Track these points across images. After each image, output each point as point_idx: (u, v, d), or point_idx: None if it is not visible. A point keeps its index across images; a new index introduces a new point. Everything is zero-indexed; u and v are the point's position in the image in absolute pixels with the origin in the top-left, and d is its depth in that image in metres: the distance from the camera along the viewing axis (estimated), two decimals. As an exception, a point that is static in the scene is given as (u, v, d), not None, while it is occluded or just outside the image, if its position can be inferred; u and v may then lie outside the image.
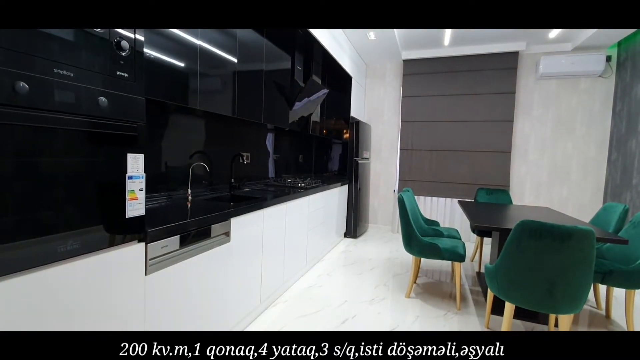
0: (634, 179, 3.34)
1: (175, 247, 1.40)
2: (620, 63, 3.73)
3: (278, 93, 2.96)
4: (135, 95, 1.18)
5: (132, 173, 1.16)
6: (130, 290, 1.21)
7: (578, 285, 1.60)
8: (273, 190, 2.80)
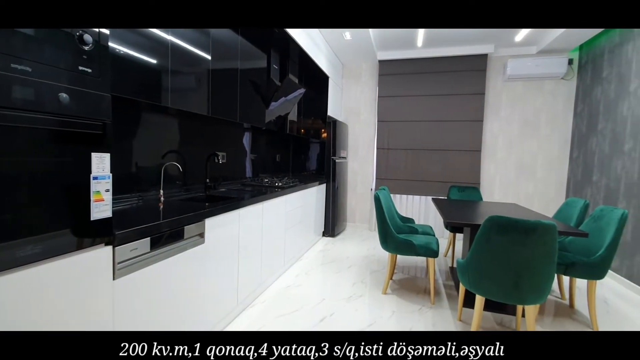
0: (594, 176, 3.57)
1: (146, 250, 1.35)
2: (582, 66, 3.97)
3: (254, 92, 2.92)
4: (100, 92, 1.13)
5: (97, 173, 1.11)
6: (97, 297, 1.16)
7: (542, 276, 1.69)
8: (250, 190, 2.76)
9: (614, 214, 2.15)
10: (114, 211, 1.19)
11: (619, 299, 2.71)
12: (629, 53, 3.11)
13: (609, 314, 2.44)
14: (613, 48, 3.35)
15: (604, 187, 3.37)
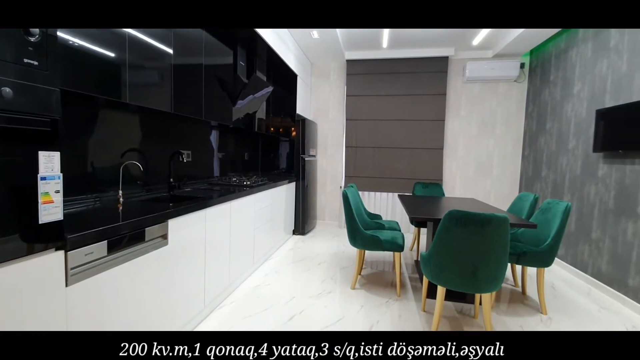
0: (543, 172, 3.87)
1: (103, 254, 1.28)
2: (532, 69, 4.27)
3: (220, 89, 2.86)
4: (49, 86, 1.06)
5: (45, 173, 1.04)
6: (48, 305, 1.08)
7: (496, 266, 1.81)
8: (217, 189, 2.70)
9: (559, 207, 2.35)
10: (67, 214, 1.12)
11: (565, 285, 2.96)
12: (573, 58, 3.39)
13: (556, 298, 2.66)
14: (559, 53, 3.65)
15: (552, 182, 3.66)
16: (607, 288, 2.72)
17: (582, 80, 3.21)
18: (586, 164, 3.09)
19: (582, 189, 3.14)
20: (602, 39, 2.95)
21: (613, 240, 2.70)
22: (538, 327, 2.18)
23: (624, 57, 2.69)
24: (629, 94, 2.61)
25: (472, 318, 2.29)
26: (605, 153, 2.82)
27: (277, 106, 4.49)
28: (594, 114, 2.90)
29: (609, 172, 2.79)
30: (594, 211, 2.95)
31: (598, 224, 2.90)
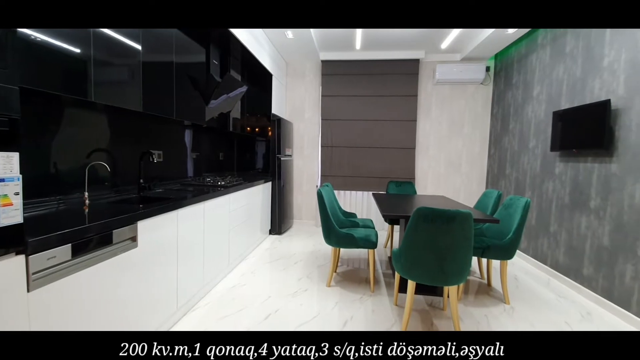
0: (507, 170, 4.09)
1: (67, 258, 1.24)
2: (497, 73, 4.50)
3: (192, 88, 2.81)
4: (7, 84, 1.02)
5: (3, 175, 1.00)
6: (9, 311, 1.04)
7: (462, 259, 1.91)
8: (191, 189, 2.66)
9: (520, 202, 2.50)
10: (28, 217, 1.09)
11: (527, 276, 3.16)
12: (533, 62, 3.61)
13: (519, 289, 2.83)
14: (521, 58, 3.87)
15: (514, 179, 3.88)
16: (565, 278, 2.92)
17: (541, 83, 3.42)
18: (545, 163, 3.30)
19: (541, 185, 3.35)
20: (559, 45, 3.17)
21: (569, 233, 2.91)
22: (502, 316, 2.32)
23: (578, 62, 2.89)
24: (583, 97, 2.82)
25: (441, 310, 2.39)
26: (561, 152, 3.03)
27: (253, 106, 4.46)
28: (552, 115, 3.11)
29: (565, 169, 3.00)
30: (552, 206, 3.16)
31: (555, 218, 3.11)
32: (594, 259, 2.61)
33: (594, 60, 2.70)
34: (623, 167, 2.37)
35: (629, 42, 2.36)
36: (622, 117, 2.39)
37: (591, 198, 2.66)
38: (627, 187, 2.32)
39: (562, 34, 3.12)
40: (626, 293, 2.29)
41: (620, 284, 2.35)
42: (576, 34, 2.93)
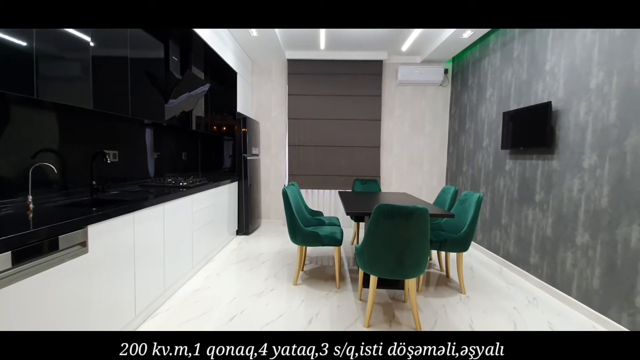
0: (464, 167, 4.32)
1: (6, 266, 1.15)
2: (454, 75, 4.73)
3: (150, 84, 2.70)
4: None
5: None
6: None
7: (419, 253, 2.00)
8: (150, 191, 2.55)
9: (473, 197, 2.66)
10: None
11: (482, 266, 3.37)
12: (485, 66, 3.84)
13: (474, 278, 3.01)
14: (475, 61, 4.10)
15: (470, 176, 4.12)
16: (514, 267, 3.15)
17: (493, 86, 3.66)
18: (497, 160, 3.54)
19: (494, 181, 3.58)
20: (508, 50, 3.40)
21: (518, 225, 3.14)
22: (458, 305, 2.46)
23: (524, 67, 3.12)
24: (528, 99, 3.05)
25: (403, 302, 2.49)
26: (511, 150, 3.27)
27: (217, 104, 4.36)
28: (502, 116, 3.33)
29: (514, 166, 3.23)
30: (503, 201, 3.39)
31: (506, 212, 3.34)
32: (539, 249, 2.84)
33: (538, 65, 2.93)
34: (562, 163, 2.60)
35: (568, 48, 2.58)
36: (561, 118, 2.62)
37: (536, 192, 2.89)
38: (566, 182, 2.55)
39: (510, 39, 3.35)
40: (567, 279, 2.52)
41: (562, 270, 2.57)
42: (522, 40, 3.16)
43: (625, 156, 2.07)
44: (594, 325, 2.20)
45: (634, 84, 2.02)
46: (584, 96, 2.41)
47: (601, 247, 2.22)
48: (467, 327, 2.14)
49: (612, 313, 2.12)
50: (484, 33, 3.67)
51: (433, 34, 3.93)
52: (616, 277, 2.10)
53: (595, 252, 2.26)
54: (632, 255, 2.00)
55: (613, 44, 2.18)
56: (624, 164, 2.07)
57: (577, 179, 2.45)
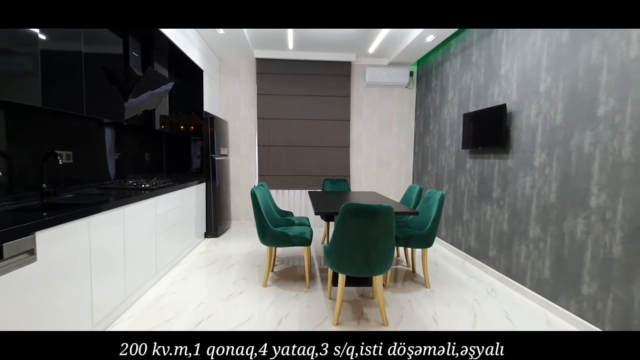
0: (429, 166, 4.49)
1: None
2: (419, 77, 4.91)
3: (108, 82, 2.56)
4: None
5: None
6: None
7: (385, 250, 2.06)
8: (110, 193, 2.42)
9: (436, 195, 2.77)
10: None
11: (446, 261, 3.52)
12: (447, 70, 4.02)
13: (439, 273, 3.14)
14: (438, 65, 4.27)
15: (435, 175, 4.29)
16: (475, 260, 3.32)
17: (454, 88, 3.83)
18: (458, 159, 3.71)
19: (456, 179, 3.76)
20: (467, 55, 3.57)
21: (478, 221, 3.32)
22: (423, 299, 2.55)
23: (482, 71, 3.30)
24: (485, 101, 3.23)
25: (371, 299, 2.55)
26: (471, 150, 3.44)
27: (183, 103, 4.21)
28: (462, 117, 3.50)
29: (473, 165, 3.40)
30: (464, 198, 3.57)
31: (467, 208, 3.51)
32: (496, 243, 3.01)
33: (494, 70, 3.11)
34: (516, 162, 2.78)
35: (520, 54, 2.76)
36: (515, 119, 2.80)
37: (493, 190, 3.07)
38: (519, 180, 2.73)
39: (469, 45, 3.53)
40: (521, 270, 2.69)
41: (517, 263, 2.75)
42: (480, 46, 3.34)
43: (571, 155, 2.25)
44: (546, 312, 2.38)
45: (578, 88, 2.20)
46: (534, 99, 2.59)
47: (551, 240, 2.40)
48: (431, 320, 2.23)
49: (561, 301, 2.30)
50: (445, 37, 3.83)
51: (398, 37, 4.04)
52: (564, 268, 2.28)
53: (546, 245, 2.44)
54: (578, 247, 2.18)
55: (560, 50, 2.36)
56: (570, 162, 2.25)
57: (529, 177, 2.62)
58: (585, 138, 2.14)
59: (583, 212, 2.14)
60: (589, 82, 2.12)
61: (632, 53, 1.84)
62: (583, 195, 2.14)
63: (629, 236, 1.84)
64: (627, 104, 1.87)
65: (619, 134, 1.91)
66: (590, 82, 2.11)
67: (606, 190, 1.98)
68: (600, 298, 2.01)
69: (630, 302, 1.82)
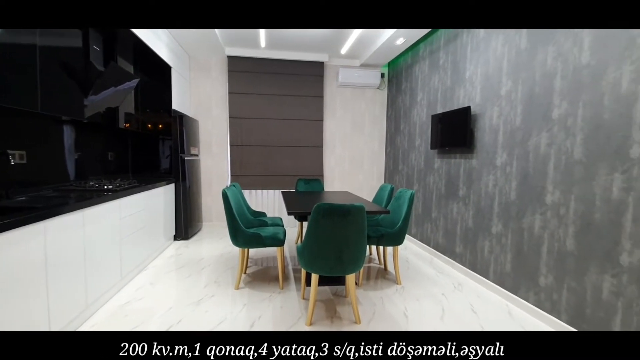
0: (400, 166, 4.61)
1: None
2: (390, 79, 5.02)
3: (66, 77, 2.41)
4: None
5: None
6: None
7: (357, 249, 2.09)
8: (68, 195, 2.28)
9: (406, 194, 2.85)
10: None
11: (416, 257, 3.63)
12: (416, 72, 4.14)
13: (409, 269, 3.23)
14: (407, 67, 4.39)
15: (406, 174, 4.41)
16: (443, 256, 3.45)
17: (423, 90, 3.96)
18: (427, 159, 3.84)
19: (425, 178, 3.88)
20: (435, 58, 3.70)
21: (445, 218, 3.45)
22: (394, 296, 2.62)
23: (448, 74, 3.43)
24: (452, 103, 3.36)
25: (344, 297, 2.58)
26: (439, 150, 3.57)
27: (151, 100, 4.03)
28: (431, 118, 3.62)
29: (441, 164, 3.53)
30: (433, 196, 3.70)
31: (435, 206, 3.64)
32: (463, 239, 3.15)
33: (459, 73, 3.24)
34: (480, 162, 2.91)
35: (483, 59, 2.90)
36: (478, 121, 2.93)
37: (460, 188, 3.20)
38: (483, 178, 2.87)
39: (437, 49, 3.65)
40: (485, 265, 2.83)
41: (481, 257, 2.88)
42: (447, 50, 3.47)
43: (529, 155, 2.39)
44: (507, 304, 2.51)
45: (535, 91, 2.35)
46: (496, 102, 2.73)
47: (511, 235, 2.54)
48: (402, 316, 2.29)
49: (521, 292, 2.44)
50: (414, 41, 3.94)
51: (370, 39, 4.11)
52: (523, 261, 2.42)
53: (507, 240, 2.58)
54: (535, 242, 2.32)
55: (519, 56, 2.50)
56: (527, 162, 2.40)
57: (491, 176, 2.76)
58: (541, 139, 2.28)
59: (540, 208, 2.28)
60: (545, 86, 2.26)
61: (584, 60, 1.99)
62: (540, 192, 2.29)
63: (581, 231, 1.99)
64: (579, 107, 2.01)
65: (571, 136, 2.06)
66: (546, 87, 2.26)
67: (560, 187, 2.13)
68: (556, 289, 2.15)
69: (583, 292, 1.97)
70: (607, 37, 1.85)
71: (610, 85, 1.83)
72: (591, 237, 1.92)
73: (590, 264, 1.92)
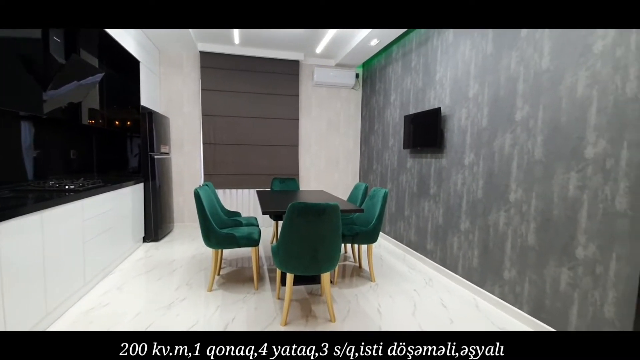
0: (374, 165, 4.69)
1: None
2: (364, 79, 5.09)
3: (24, 69, 2.25)
4: None
5: None
6: None
7: (332, 247, 2.11)
8: (25, 196, 2.13)
9: (380, 193, 2.91)
10: None
11: (390, 255, 3.71)
12: (389, 73, 4.22)
13: (383, 267, 3.30)
14: (381, 68, 4.47)
15: (380, 173, 4.50)
16: (415, 253, 3.56)
17: (396, 91, 4.05)
18: (400, 158, 3.93)
19: (398, 177, 3.98)
20: (407, 60, 3.79)
21: (417, 216, 3.55)
22: (368, 293, 2.66)
23: (420, 76, 3.53)
24: (423, 105, 3.46)
25: (320, 296, 2.59)
26: (411, 149, 3.66)
27: (117, 96, 3.85)
28: (403, 119, 3.71)
29: (414, 164, 3.63)
30: (405, 195, 3.80)
31: (408, 204, 3.74)
32: (433, 236, 3.25)
33: (430, 75, 3.34)
34: (449, 161, 3.02)
35: (453, 62, 3.01)
36: (448, 122, 3.04)
37: (430, 187, 3.31)
38: (452, 177, 2.98)
39: (409, 51, 3.75)
40: (454, 260, 2.94)
41: (450, 253, 3.00)
42: (418, 52, 3.57)
43: (494, 155, 2.51)
44: (475, 297, 2.63)
45: (500, 95, 2.46)
46: (464, 104, 2.84)
47: (478, 232, 2.66)
48: (376, 313, 2.34)
49: (487, 286, 2.56)
50: (388, 42, 4.02)
51: (344, 39, 4.14)
52: (489, 256, 2.55)
53: (474, 236, 2.70)
54: (500, 238, 2.44)
55: (485, 60, 2.61)
56: (493, 161, 2.51)
57: (460, 175, 2.88)
58: (505, 140, 2.40)
59: (504, 205, 2.40)
60: (509, 89, 2.38)
61: (544, 65, 2.11)
62: (504, 191, 2.41)
63: (541, 227, 2.11)
64: (539, 110, 2.14)
65: (532, 137, 2.18)
66: (509, 90, 2.38)
67: (522, 186, 2.25)
68: (518, 282, 2.28)
69: (543, 285, 2.10)
70: (564, 44, 1.98)
71: (568, 89, 1.95)
72: (550, 232, 2.05)
73: (550, 258, 2.05)
